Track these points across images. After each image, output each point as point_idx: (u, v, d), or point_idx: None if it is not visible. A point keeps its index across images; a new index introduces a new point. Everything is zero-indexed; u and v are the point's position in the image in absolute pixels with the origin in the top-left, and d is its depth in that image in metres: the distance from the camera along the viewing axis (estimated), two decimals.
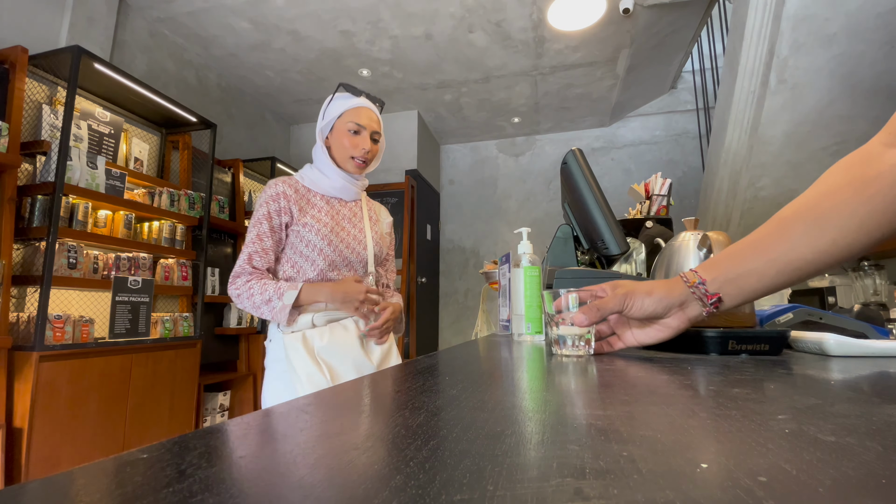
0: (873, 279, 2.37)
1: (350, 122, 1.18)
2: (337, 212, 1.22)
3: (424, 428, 0.24)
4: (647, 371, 0.45)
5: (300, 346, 1.08)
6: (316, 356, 1.09)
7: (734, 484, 0.15)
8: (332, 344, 1.11)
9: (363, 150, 1.19)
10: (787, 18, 2.02)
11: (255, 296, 1.08)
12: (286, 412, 0.28)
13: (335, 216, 1.21)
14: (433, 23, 3.03)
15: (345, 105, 1.18)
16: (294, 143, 4.59)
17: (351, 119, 1.18)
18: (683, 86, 4.38)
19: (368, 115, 1.20)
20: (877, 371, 0.43)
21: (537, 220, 4.77)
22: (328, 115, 1.20)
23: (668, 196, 1.66)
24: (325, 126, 1.21)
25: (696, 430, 0.23)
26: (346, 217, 1.23)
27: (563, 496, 0.15)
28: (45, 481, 0.17)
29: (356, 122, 1.18)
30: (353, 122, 1.18)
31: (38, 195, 2.03)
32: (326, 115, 1.20)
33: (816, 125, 2.32)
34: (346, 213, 1.24)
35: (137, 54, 2.88)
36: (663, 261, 0.73)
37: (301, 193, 1.19)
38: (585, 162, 1.08)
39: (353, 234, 1.22)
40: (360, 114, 1.19)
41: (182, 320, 2.59)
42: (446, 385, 0.38)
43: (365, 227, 1.25)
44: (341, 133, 1.19)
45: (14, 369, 1.85)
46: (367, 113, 1.20)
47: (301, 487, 0.16)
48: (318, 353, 1.09)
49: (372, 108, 1.22)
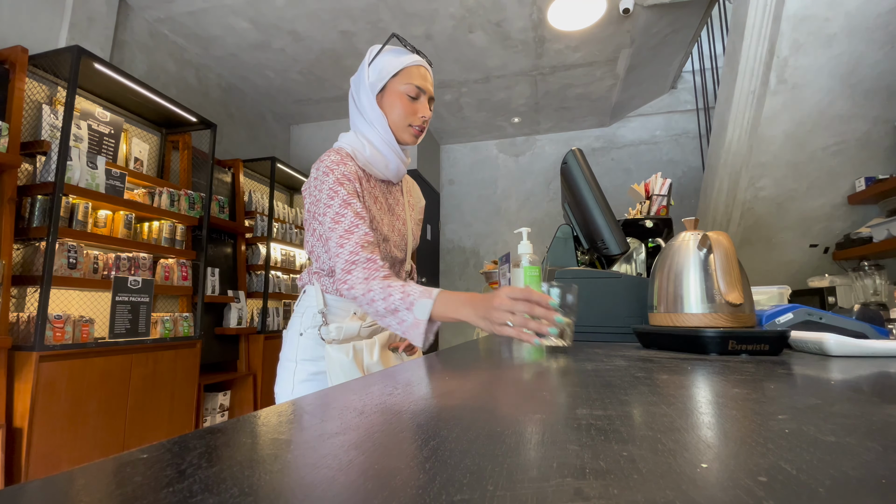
0: (873, 279, 2.37)
1: (408, 83, 0.97)
2: (386, 199, 1.04)
3: (424, 428, 0.24)
4: (647, 371, 0.45)
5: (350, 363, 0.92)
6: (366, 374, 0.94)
7: (734, 484, 0.15)
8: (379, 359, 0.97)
9: (422, 117, 0.99)
10: (787, 18, 2.02)
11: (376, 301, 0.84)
12: (286, 412, 0.28)
13: (384, 206, 1.03)
14: (433, 23, 3.03)
15: (401, 62, 0.98)
16: (294, 143, 4.58)
17: (409, 80, 0.97)
18: (683, 86, 4.38)
19: (428, 77, 1.01)
20: (877, 371, 0.43)
21: (537, 220, 4.77)
22: (381, 69, 0.98)
23: (668, 196, 1.66)
24: (376, 82, 0.98)
25: (696, 430, 0.23)
26: (391, 206, 1.05)
27: (563, 496, 0.15)
28: (45, 481, 0.17)
29: (417, 84, 0.98)
30: (412, 85, 0.97)
31: (38, 195, 2.03)
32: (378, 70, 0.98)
33: (816, 125, 2.32)
34: (391, 200, 1.06)
35: (137, 54, 2.88)
36: (663, 261, 0.73)
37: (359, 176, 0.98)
38: (585, 162, 1.08)
39: (398, 227, 1.05)
40: (422, 75, 0.99)
41: (182, 320, 2.59)
42: (446, 385, 0.38)
43: (406, 218, 1.08)
44: (397, 96, 0.98)
45: (14, 369, 1.85)
46: (427, 75, 1.01)
47: (301, 487, 0.16)
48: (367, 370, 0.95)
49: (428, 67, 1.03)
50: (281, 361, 1.03)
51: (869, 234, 2.40)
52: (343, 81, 3.77)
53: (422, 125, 1.00)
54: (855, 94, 2.20)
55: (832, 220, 2.65)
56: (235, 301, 3.18)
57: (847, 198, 2.55)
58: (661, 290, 0.72)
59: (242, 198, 3.46)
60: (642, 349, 0.68)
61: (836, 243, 2.68)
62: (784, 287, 0.97)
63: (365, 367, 0.95)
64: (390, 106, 0.99)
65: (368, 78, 0.99)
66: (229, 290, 3.24)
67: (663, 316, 0.70)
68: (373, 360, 0.96)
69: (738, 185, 2.62)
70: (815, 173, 2.50)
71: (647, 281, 0.91)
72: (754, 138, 2.40)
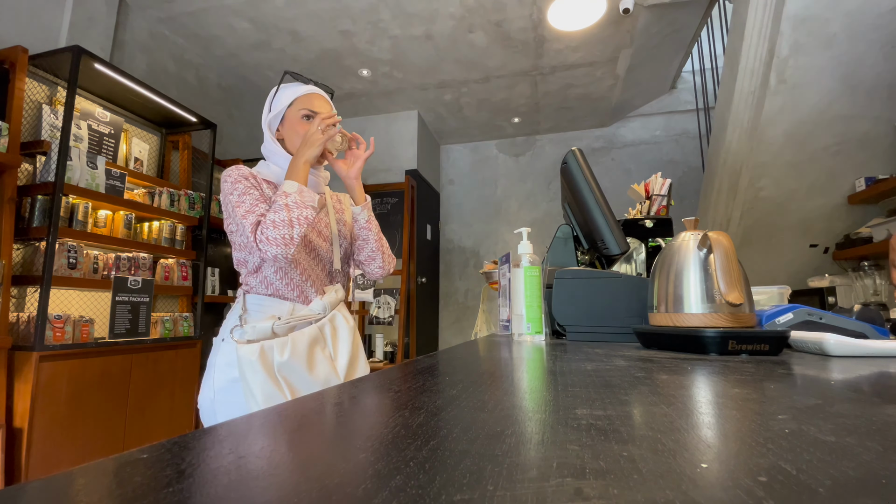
0: (873, 279, 2.37)
1: (303, 108, 1.09)
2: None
3: (424, 428, 0.24)
4: (647, 371, 0.45)
5: (257, 363, 0.94)
6: (276, 374, 0.95)
7: (734, 484, 0.15)
8: (293, 357, 0.97)
9: None
10: (787, 18, 2.02)
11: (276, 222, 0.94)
12: (285, 412, 0.28)
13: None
14: (433, 23, 3.03)
15: (295, 92, 1.10)
16: None
17: (303, 106, 1.09)
18: (683, 86, 4.38)
19: (321, 102, 1.12)
20: (877, 371, 0.43)
21: (537, 220, 4.77)
22: (277, 105, 1.11)
23: (668, 196, 1.66)
24: (275, 118, 1.11)
25: (695, 430, 0.23)
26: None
27: (563, 496, 0.15)
28: (45, 481, 0.17)
29: (309, 108, 1.09)
30: (306, 109, 1.09)
31: (38, 195, 2.03)
32: (275, 107, 1.11)
33: (816, 125, 2.32)
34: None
35: (137, 54, 2.88)
36: (663, 261, 0.73)
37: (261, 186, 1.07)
38: (585, 162, 1.08)
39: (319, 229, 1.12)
40: (313, 100, 1.11)
41: (182, 320, 2.59)
42: (446, 385, 0.38)
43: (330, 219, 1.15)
44: (294, 121, 1.09)
45: (14, 369, 1.85)
46: (319, 99, 1.12)
47: (301, 487, 0.16)
48: (279, 370, 0.95)
49: (324, 95, 1.14)
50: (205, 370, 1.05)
51: (869, 234, 2.40)
52: (343, 81, 3.77)
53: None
54: (855, 94, 2.20)
55: (832, 220, 2.65)
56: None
57: (847, 198, 2.56)
58: (661, 290, 0.72)
59: None
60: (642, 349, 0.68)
61: (836, 243, 2.68)
62: (784, 287, 0.97)
63: (275, 366, 0.95)
64: (291, 132, 1.10)
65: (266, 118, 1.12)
66: (229, 290, 3.24)
67: (663, 316, 0.70)
68: (283, 358, 0.95)
69: (738, 185, 2.62)
70: (815, 173, 2.50)
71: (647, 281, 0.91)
72: (754, 138, 2.40)
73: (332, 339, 1.07)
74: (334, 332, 1.07)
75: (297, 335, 1.00)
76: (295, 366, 0.97)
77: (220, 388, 0.98)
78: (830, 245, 2.73)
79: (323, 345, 1.04)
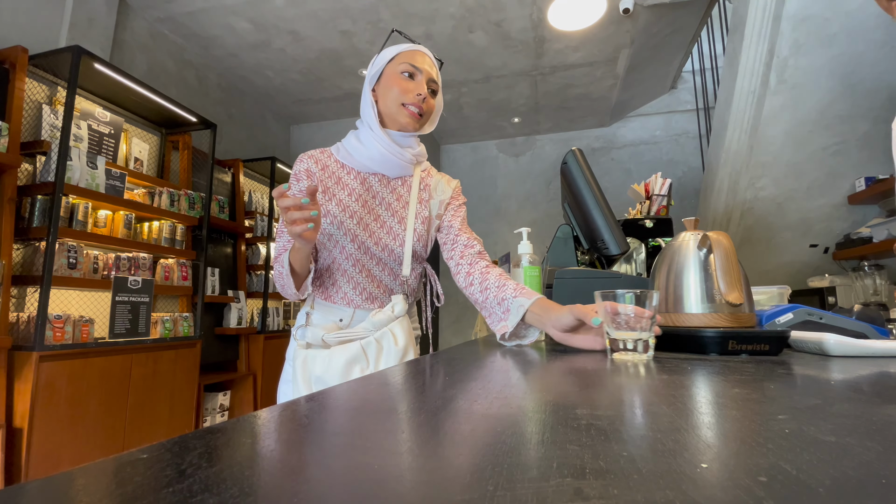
0: (873, 279, 2.37)
1: (404, 62, 0.96)
2: (373, 195, 0.98)
3: (425, 428, 0.24)
4: (647, 371, 0.45)
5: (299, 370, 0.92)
6: (311, 385, 0.92)
7: (734, 484, 0.15)
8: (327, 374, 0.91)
9: (418, 95, 0.94)
10: (787, 18, 2.02)
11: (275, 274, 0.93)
12: (286, 412, 0.28)
13: (370, 202, 0.97)
14: (433, 23, 3.03)
15: (397, 48, 0.98)
16: (294, 143, 4.58)
17: (405, 60, 0.96)
18: (683, 86, 4.38)
19: (427, 61, 0.98)
20: (877, 371, 0.43)
21: (537, 220, 4.77)
22: (378, 61, 0.98)
23: (668, 196, 1.66)
24: (374, 74, 0.98)
25: (695, 430, 0.23)
26: (385, 202, 0.99)
27: (563, 496, 0.15)
28: (45, 481, 0.17)
29: (412, 63, 0.96)
30: (406, 63, 0.96)
31: (38, 195, 2.03)
32: (376, 63, 0.98)
33: (816, 125, 2.32)
34: (388, 196, 0.99)
35: (137, 54, 2.88)
36: (663, 261, 0.73)
37: (330, 171, 0.98)
38: (585, 162, 1.08)
39: (391, 225, 0.97)
40: (418, 56, 0.97)
41: (182, 320, 2.59)
42: (446, 385, 0.38)
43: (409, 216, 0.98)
44: (392, 78, 0.96)
45: (14, 369, 1.85)
46: (426, 58, 0.98)
47: (301, 487, 0.16)
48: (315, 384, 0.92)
49: (432, 57, 1.01)
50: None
51: (869, 234, 2.40)
52: (343, 81, 3.77)
53: (417, 103, 0.95)
54: (855, 94, 2.20)
55: (832, 220, 2.65)
56: (235, 301, 3.18)
57: (847, 198, 2.55)
58: (661, 290, 0.72)
59: (242, 198, 3.46)
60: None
61: (836, 243, 2.68)
62: (784, 287, 0.97)
63: (311, 378, 0.92)
64: (386, 90, 0.96)
65: (368, 73, 0.99)
66: (229, 290, 3.24)
67: (663, 316, 0.70)
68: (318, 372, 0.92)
69: (738, 185, 2.62)
70: (815, 173, 2.50)
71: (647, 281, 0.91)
72: (754, 138, 2.40)
73: (377, 360, 0.96)
74: (379, 353, 0.95)
75: (337, 351, 0.93)
76: (328, 382, 0.92)
77: (284, 381, 1.00)
78: (830, 245, 2.73)
79: (364, 364, 0.95)
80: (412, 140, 1.00)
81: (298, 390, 0.92)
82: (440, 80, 1.00)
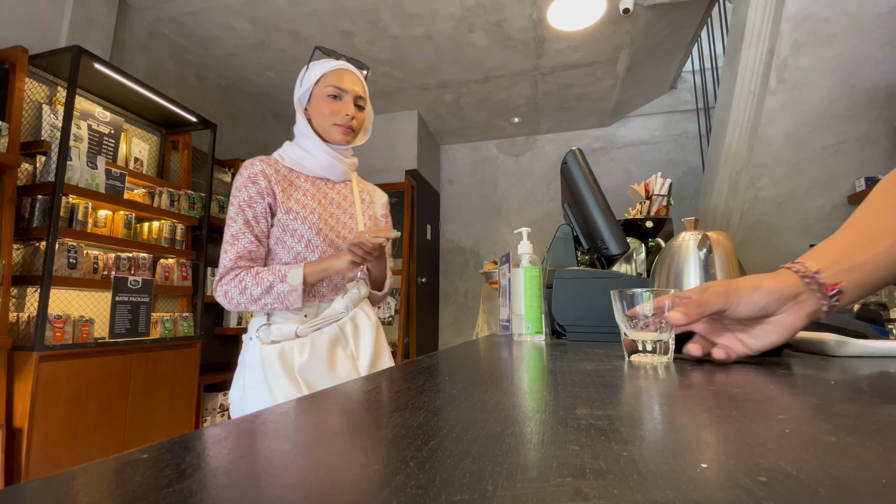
0: None
1: (329, 85, 1.04)
2: (325, 195, 1.09)
3: (424, 428, 0.24)
4: (646, 371, 0.45)
5: (277, 363, 0.93)
6: (296, 375, 0.94)
7: (734, 484, 0.15)
8: (313, 358, 0.95)
9: (346, 115, 1.04)
10: (787, 18, 2.02)
11: (248, 288, 0.94)
12: (285, 412, 0.28)
13: (323, 200, 1.07)
14: (433, 23, 3.03)
15: (323, 68, 1.05)
16: None
17: (330, 83, 1.04)
18: (683, 86, 4.38)
19: (350, 79, 1.06)
20: (877, 371, 0.43)
21: (537, 220, 4.77)
22: (305, 82, 1.06)
23: (668, 196, 1.66)
24: (303, 94, 1.07)
25: (695, 431, 0.23)
26: (334, 201, 1.10)
27: (563, 496, 0.15)
28: (45, 481, 0.17)
29: (336, 85, 1.04)
30: (332, 86, 1.04)
31: (38, 195, 2.03)
32: (304, 83, 1.06)
33: (816, 125, 2.32)
34: (335, 196, 1.11)
35: (137, 54, 2.88)
36: (663, 261, 0.73)
37: (282, 174, 1.04)
38: (585, 162, 1.08)
39: (344, 220, 1.09)
40: (341, 76, 1.05)
41: (182, 320, 2.59)
42: (446, 385, 0.38)
43: (357, 213, 1.11)
44: (320, 99, 1.05)
45: (14, 369, 1.85)
46: (348, 76, 1.06)
47: (301, 488, 0.16)
48: (299, 372, 0.94)
49: (355, 71, 1.08)
50: (237, 368, 1.04)
51: None
52: None
53: (346, 123, 1.05)
54: (855, 94, 2.20)
55: (832, 220, 2.65)
56: None
57: (847, 198, 2.55)
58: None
59: None
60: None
61: None
62: None
63: (296, 367, 0.94)
64: (317, 111, 1.06)
65: (296, 93, 1.08)
66: None
67: None
68: (303, 359, 0.94)
69: (738, 185, 2.62)
70: (815, 173, 2.50)
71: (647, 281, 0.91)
72: (754, 138, 2.40)
73: (354, 337, 1.04)
74: (356, 331, 1.04)
75: (317, 335, 0.98)
76: (315, 366, 0.95)
77: (250, 387, 0.97)
78: None
79: (344, 344, 1.02)
80: (348, 150, 1.13)
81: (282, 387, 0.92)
82: (367, 91, 1.11)
